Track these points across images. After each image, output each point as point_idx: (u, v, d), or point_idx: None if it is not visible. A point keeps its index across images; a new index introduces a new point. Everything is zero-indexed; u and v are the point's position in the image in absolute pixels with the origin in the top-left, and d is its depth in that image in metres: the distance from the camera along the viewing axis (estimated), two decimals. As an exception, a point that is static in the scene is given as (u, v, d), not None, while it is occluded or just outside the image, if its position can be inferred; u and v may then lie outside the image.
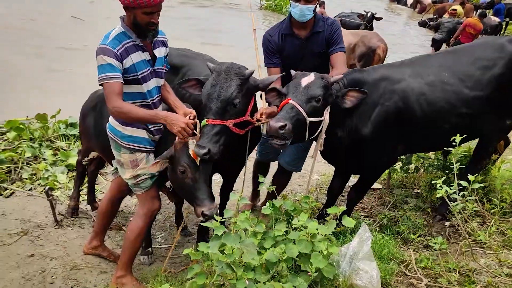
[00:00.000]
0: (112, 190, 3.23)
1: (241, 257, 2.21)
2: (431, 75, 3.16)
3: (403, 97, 3.07)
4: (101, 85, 2.59)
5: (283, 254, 2.28)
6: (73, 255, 3.45)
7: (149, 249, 3.55)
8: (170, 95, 2.95)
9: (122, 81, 2.59)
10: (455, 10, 14.91)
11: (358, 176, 3.61)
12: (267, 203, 2.69)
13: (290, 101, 2.74)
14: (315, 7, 3.14)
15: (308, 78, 2.84)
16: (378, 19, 11.81)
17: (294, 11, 3.13)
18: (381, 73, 3.17)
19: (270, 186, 3.00)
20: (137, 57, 2.65)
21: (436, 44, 12.73)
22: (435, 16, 16.66)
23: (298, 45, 3.29)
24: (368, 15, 11.47)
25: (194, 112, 2.76)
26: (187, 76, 3.34)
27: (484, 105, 3.18)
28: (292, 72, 3.00)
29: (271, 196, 3.76)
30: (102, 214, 3.30)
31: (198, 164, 2.63)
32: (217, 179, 4.21)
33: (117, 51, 2.54)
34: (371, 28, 11.31)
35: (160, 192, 3.29)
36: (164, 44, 2.89)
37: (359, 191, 3.55)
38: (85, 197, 4.22)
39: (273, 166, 4.02)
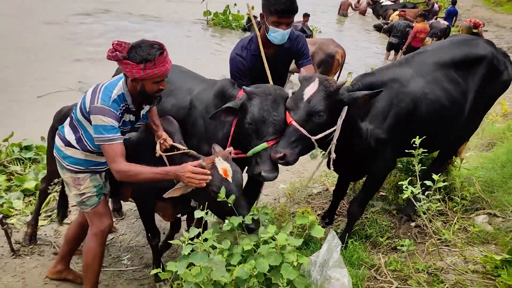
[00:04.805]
0: (82, 214, 3.11)
1: (211, 275, 2.15)
2: (430, 74, 3.16)
3: (413, 98, 3.05)
4: (100, 144, 2.54)
5: (254, 270, 2.23)
6: (32, 286, 3.26)
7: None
8: (151, 115, 2.95)
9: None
10: (404, 11, 15.51)
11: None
12: (227, 221, 2.57)
13: (292, 123, 2.65)
14: None
15: (311, 88, 2.68)
16: None
17: (274, 35, 3.08)
18: (389, 75, 3.13)
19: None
20: (125, 118, 2.68)
21: (392, 47, 13.17)
22: (388, 21, 17.28)
23: (269, 64, 3.23)
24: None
25: (165, 135, 2.80)
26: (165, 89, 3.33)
27: (470, 104, 3.28)
28: (301, 72, 2.93)
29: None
30: (70, 239, 3.20)
31: (231, 180, 2.53)
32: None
33: (118, 113, 2.54)
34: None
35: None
36: (158, 100, 2.91)
37: (361, 203, 3.41)
38: (43, 222, 4.03)
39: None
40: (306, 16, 12.99)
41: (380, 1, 21.21)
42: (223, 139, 3.03)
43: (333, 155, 2.84)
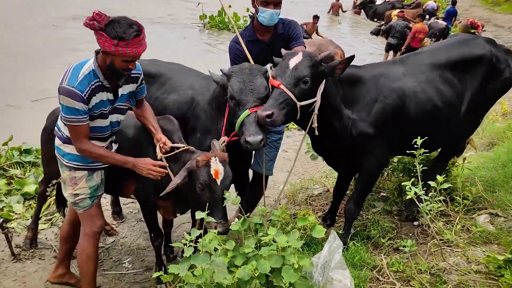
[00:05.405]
0: (72, 212, 3.11)
1: (213, 277, 2.14)
2: (424, 74, 3.18)
3: (400, 95, 3.07)
4: (66, 123, 2.59)
5: (255, 271, 2.22)
6: (33, 290, 3.25)
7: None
8: (148, 117, 2.95)
9: (88, 121, 2.61)
10: (403, 12, 15.54)
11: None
12: (236, 219, 2.61)
13: (280, 86, 2.70)
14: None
15: (296, 59, 2.80)
16: None
17: (263, 15, 3.18)
18: (378, 70, 3.17)
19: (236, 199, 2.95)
20: (101, 96, 2.64)
21: (391, 48, 13.13)
22: (384, 22, 17.28)
23: (263, 49, 3.34)
24: None
25: (163, 138, 2.83)
26: (167, 86, 3.43)
27: (468, 105, 3.27)
28: (283, 51, 3.01)
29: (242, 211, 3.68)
30: (64, 238, 3.19)
31: (219, 183, 2.59)
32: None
33: (85, 94, 2.51)
34: None
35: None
36: (135, 80, 2.84)
37: (357, 201, 3.39)
38: (44, 226, 4.01)
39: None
40: (316, 18, 13.10)
41: (370, 1, 21.32)
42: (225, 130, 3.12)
43: (315, 124, 2.86)
